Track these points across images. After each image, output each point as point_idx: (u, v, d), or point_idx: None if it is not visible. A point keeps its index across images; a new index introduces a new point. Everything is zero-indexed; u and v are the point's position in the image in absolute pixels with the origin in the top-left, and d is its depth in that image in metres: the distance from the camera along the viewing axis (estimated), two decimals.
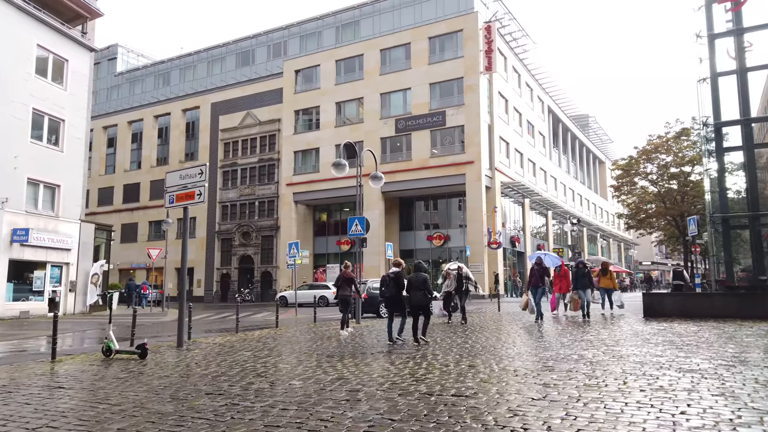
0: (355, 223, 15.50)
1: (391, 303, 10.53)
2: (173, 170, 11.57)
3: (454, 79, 36.64)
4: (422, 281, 10.11)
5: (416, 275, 10.24)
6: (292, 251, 21.98)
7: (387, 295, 10.38)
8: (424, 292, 10.05)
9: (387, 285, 10.36)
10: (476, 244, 34.51)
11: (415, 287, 10.07)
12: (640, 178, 36.21)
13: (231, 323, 19.40)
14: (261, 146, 45.93)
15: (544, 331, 11.74)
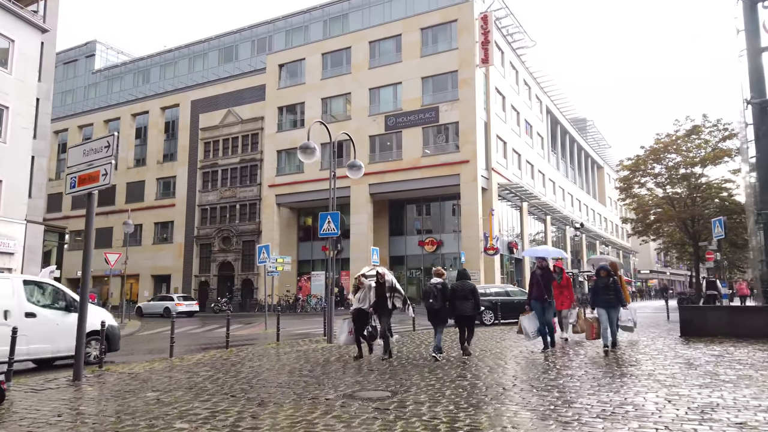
0: (327, 220, 12.80)
1: (437, 315, 9.80)
2: (76, 145, 8.82)
3: (447, 73, 34.08)
4: (470, 290, 9.66)
5: (462, 283, 9.77)
6: (262, 255, 19.19)
7: (436, 307, 9.62)
8: (472, 301, 9.59)
9: (434, 296, 9.63)
10: (471, 250, 31.82)
11: (461, 297, 9.58)
12: (648, 179, 33.64)
13: (188, 339, 16.60)
14: (243, 146, 43.17)
15: (559, 364, 8.98)
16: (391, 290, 10.17)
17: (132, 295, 48.30)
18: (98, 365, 9.22)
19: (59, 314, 10.28)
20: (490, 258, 32.71)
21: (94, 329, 10.29)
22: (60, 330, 9.94)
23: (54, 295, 10.67)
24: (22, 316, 9.58)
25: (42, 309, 10.11)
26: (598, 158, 68.83)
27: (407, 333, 15.24)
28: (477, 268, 31.64)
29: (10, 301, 9.61)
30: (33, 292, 10.28)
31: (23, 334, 9.04)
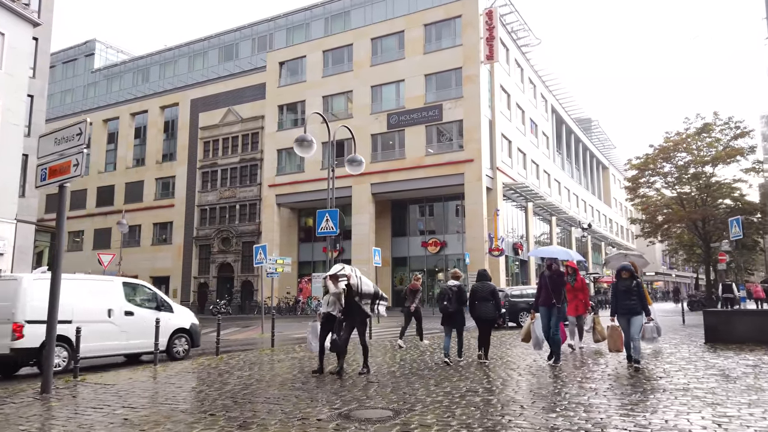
0: (325, 218, 11.99)
1: (452, 318, 9.47)
2: (47, 133, 8.05)
3: (451, 70, 33.28)
4: (490, 291, 9.26)
5: (482, 284, 9.36)
6: (259, 256, 18.39)
7: (451, 310, 9.33)
8: (493, 302, 9.21)
9: (449, 298, 9.33)
10: (476, 251, 30.98)
11: (482, 298, 9.20)
12: (658, 179, 32.76)
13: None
14: (243, 145, 42.44)
15: (579, 376, 8.12)
16: (361, 296, 8.25)
17: None
18: (73, 376, 8.42)
19: (152, 313, 11.16)
20: (494, 259, 31.89)
21: (182, 327, 11.75)
22: (152, 327, 10.38)
23: (147, 296, 11.75)
24: (122, 315, 10.70)
25: (138, 308, 11.17)
26: (604, 159, 67.94)
27: (409, 338, 14.42)
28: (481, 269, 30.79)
29: (112, 300, 10.70)
30: (130, 293, 11.33)
31: (123, 331, 10.52)
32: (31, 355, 9.41)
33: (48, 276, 11.02)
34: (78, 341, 8.50)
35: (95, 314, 10.19)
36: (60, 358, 9.57)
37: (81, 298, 10.23)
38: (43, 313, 8.00)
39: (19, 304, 9.41)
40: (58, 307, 7.50)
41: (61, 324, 8.65)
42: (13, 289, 9.65)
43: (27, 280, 9.89)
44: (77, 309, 9.96)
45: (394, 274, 36.60)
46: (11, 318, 9.27)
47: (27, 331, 9.28)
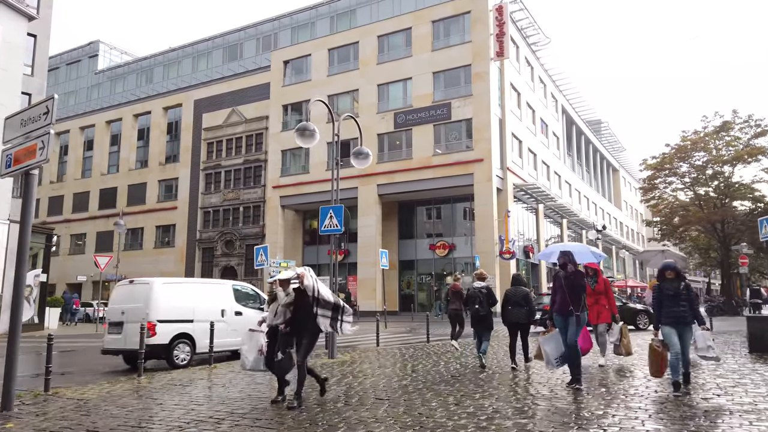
0: (329, 215, 11.05)
1: (483, 322, 9.21)
2: (13, 114, 7.16)
3: (460, 67, 32.32)
4: (523, 296, 9.02)
5: (516, 289, 9.11)
6: (260, 258, 17.46)
7: (482, 313, 9.11)
8: (527, 308, 8.95)
9: (479, 301, 9.09)
10: (486, 254, 29.92)
11: (515, 303, 8.93)
12: (675, 179, 31.62)
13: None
14: (247, 146, 41.63)
15: (620, 394, 7.04)
16: (318, 303, 6.30)
17: None
18: (44, 389, 7.50)
19: (256, 313, 11.70)
20: (505, 262, 30.82)
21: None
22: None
23: (252, 297, 12.69)
24: (233, 314, 11.62)
25: (245, 308, 12.06)
26: (614, 161, 66.73)
27: (421, 346, 13.41)
28: (492, 273, 29.72)
29: (224, 302, 11.75)
30: (238, 295, 12.29)
31: (234, 329, 11.16)
32: (161, 350, 10.58)
33: (175, 281, 13.41)
34: (212, 336, 10.19)
35: (211, 314, 11.11)
36: (184, 353, 10.83)
37: (200, 300, 11.44)
38: (170, 313, 10.66)
39: (151, 306, 10.62)
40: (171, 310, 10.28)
41: (185, 323, 10.91)
42: (145, 293, 10.86)
43: (157, 284, 11.21)
44: (197, 310, 11.16)
45: (401, 278, 35.60)
46: (145, 318, 10.29)
47: (158, 329, 10.48)
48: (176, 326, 10.78)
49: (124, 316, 10.76)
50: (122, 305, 10.97)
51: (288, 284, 6.56)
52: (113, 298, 11.58)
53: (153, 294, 10.76)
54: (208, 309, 11.22)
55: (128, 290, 11.34)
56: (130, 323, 10.52)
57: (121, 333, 10.67)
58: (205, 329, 10.56)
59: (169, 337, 10.55)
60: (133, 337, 9.97)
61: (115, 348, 10.85)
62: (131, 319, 10.52)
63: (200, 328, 10.83)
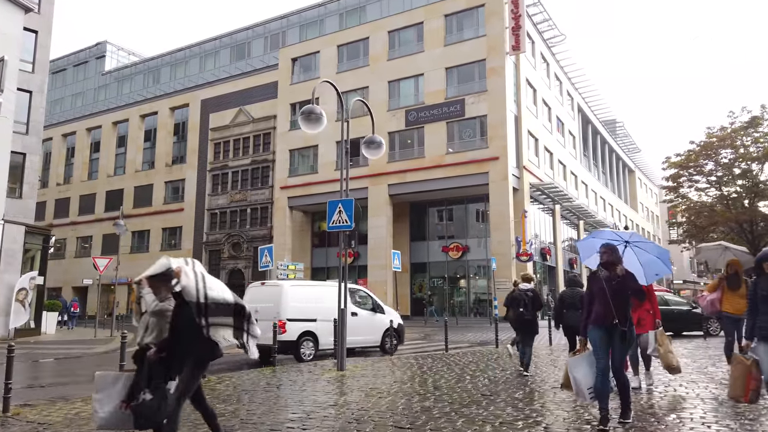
0: (337, 210, 9.91)
1: (528, 327, 8.81)
2: None
3: (474, 62, 31.15)
4: (581, 298, 7.76)
5: (572, 291, 8.63)
6: (264, 259, 16.33)
7: (528, 317, 8.68)
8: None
9: (524, 304, 8.64)
10: (502, 256, 28.63)
11: (572, 305, 8.33)
12: (701, 178, 30.18)
13: None
14: (254, 146, 40.68)
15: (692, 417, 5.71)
16: (202, 308, 4.10)
17: None
18: (2, 410, 6.40)
19: (369, 314, 13.21)
20: (522, 265, 29.52)
21: (392, 326, 13.00)
22: (370, 326, 12.98)
23: (365, 299, 13.64)
24: (350, 315, 11.63)
25: (360, 309, 13.03)
26: (630, 162, 65.13)
27: (439, 355, 12.21)
28: (508, 276, 28.44)
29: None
30: (354, 297, 13.08)
31: (351, 328, 11.27)
32: (290, 346, 11.60)
33: (300, 283, 14.31)
34: (343, 334, 10.08)
35: (331, 314, 11.35)
36: (309, 349, 11.89)
37: (321, 301, 12.28)
38: (298, 313, 11.77)
39: (281, 306, 11.73)
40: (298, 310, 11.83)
41: (309, 322, 11.96)
42: (276, 294, 12.09)
43: (286, 286, 12.58)
44: (319, 310, 12.00)
45: (413, 281, 34.39)
46: (276, 316, 11.31)
47: (288, 327, 11.53)
48: (302, 325, 11.85)
49: (257, 314, 10.62)
50: (256, 304, 11.58)
51: (163, 284, 4.34)
52: (247, 298, 12.32)
53: (282, 295, 11.98)
54: (328, 309, 11.68)
55: (260, 291, 12.65)
56: (263, 321, 11.27)
57: None
58: (326, 328, 11.56)
59: (296, 334, 11.67)
60: (266, 333, 10.87)
61: None
62: (264, 317, 11.14)
63: (322, 326, 11.81)
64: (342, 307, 9.73)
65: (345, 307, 9.71)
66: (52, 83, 60.63)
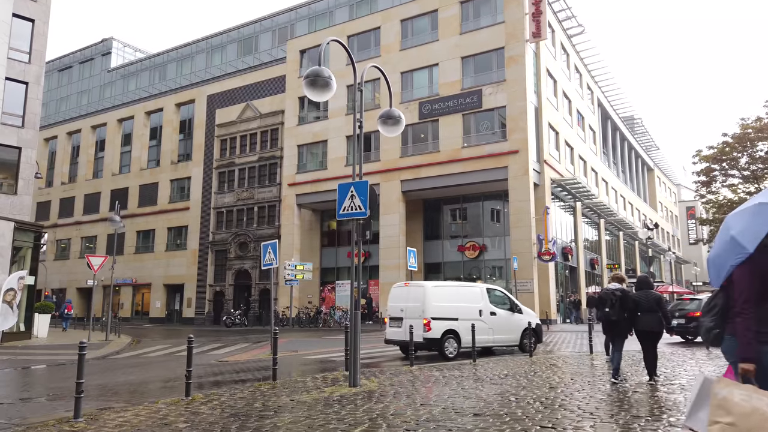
0: (350, 194, 8.37)
1: (616, 329, 8.34)
2: None
3: (492, 50, 29.50)
4: (655, 300, 8.06)
5: (645, 293, 8.16)
6: (267, 256, 14.82)
7: (614, 318, 8.18)
8: (659, 314, 7.98)
9: (611, 304, 8.16)
10: (522, 256, 26.93)
11: (646, 308, 8.01)
12: (735, 172, 28.29)
13: (160, 369, 12.05)
14: (262, 142, 39.26)
15: None
16: None
17: (144, 306, 44.75)
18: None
19: (508, 313, 13.53)
20: (543, 265, 27.82)
21: (530, 326, 12.97)
22: (509, 325, 13.33)
23: (503, 299, 13.85)
24: (489, 314, 12.90)
25: (498, 309, 13.36)
26: (649, 159, 63.06)
27: (466, 366, 10.59)
28: (530, 276, 26.78)
29: (480, 303, 13.04)
30: (492, 297, 13.46)
31: (490, 327, 12.72)
32: (435, 343, 12.29)
33: (442, 284, 14.79)
34: (474, 334, 11.38)
35: (471, 314, 12.49)
36: (452, 347, 12.34)
37: (461, 301, 12.91)
38: (441, 312, 12.29)
39: (426, 305, 12.37)
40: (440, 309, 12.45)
41: (451, 321, 12.38)
42: (420, 294, 12.71)
43: (429, 286, 13.10)
44: (460, 310, 12.58)
45: None
46: (421, 315, 12.23)
47: (432, 325, 12.21)
48: (445, 323, 12.34)
49: (403, 312, 12.68)
50: (401, 304, 12.86)
51: None
52: (392, 297, 13.46)
53: (426, 295, 12.55)
54: (469, 309, 12.63)
55: (405, 291, 13.24)
56: (408, 319, 12.26)
57: (401, 327, 12.43)
58: (467, 327, 11.91)
59: (440, 332, 12.24)
60: (413, 331, 11.46)
61: (396, 339, 12.79)
62: (409, 315, 12.36)
63: (463, 325, 12.20)
64: (355, 310, 8.15)
65: (358, 310, 8.14)
66: (57, 81, 59.86)
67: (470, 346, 11.73)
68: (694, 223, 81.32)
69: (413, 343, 10.89)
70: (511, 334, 13.36)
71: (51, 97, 59.52)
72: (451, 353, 12.18)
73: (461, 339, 12.29)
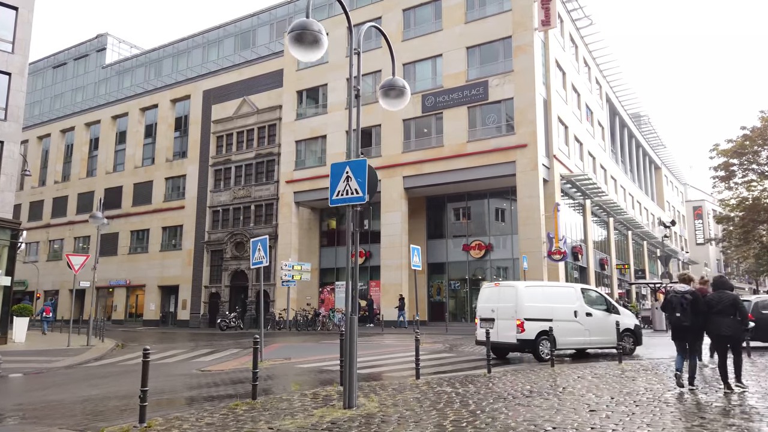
0: (345, 175, 7.01)
1: (684, 333, 7.74)
2: None
3: (498, 40, 28.12)
4: (731, 302, 7.36)
5: (720, 294, 7.50)
6: (257, 254, 13.45)
7: (686, 324, 7.59)
8: (734, 317, 7.36)
9: (682, 308, 7.56)
10: (531, 255, 25.52)
11: (720, 311, 7.41)
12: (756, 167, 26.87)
13: (134, 379, 10.53)
14: (259, 138, 37.91)
15: None
16: None
17: (138, 308, 43.37)
18: None
19: (604, 314, 13.02)
20: (553, 265, 26.40)
21: (628, 327, 13.18)
22: (605, 327, 12.71)
23: (598, 299, 13.46)
24: (584, 315, 12.68)
25: (594, 310, 12.95)
26: (656, 158, 61.59)
27: (480, 378, 9.20)
28: (539, 276, 25.36)
29: (575, 303, 12.80)
30: (586, 297, 13.10)
31: (586, 329, 12.70)
32: (529, 344, 12.03)
33: (534, 283, 14.36)
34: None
35: (565, 315, 12.32)
36: (547, 349, 11.74)
37: (555, 301, 12.58)
38: (534, 312, 12.16)
39: (519, 306, 12.14)
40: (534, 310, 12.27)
41: (545, 322, 11.93)
42: (512, 294, 12.49)
43: (521, 287, 12.86)
44: (554, 310, 12.25)
45: (429, 283, 31.39)
46: (514, 316, 12.05)
47: (526, 326, 11.92)
48: (539, 324, 11.96)
49: (494, 313, 12.55)
50: (492, 304, 12.68)
51: None
52: (482, 298, 13.28)
53: (519, 295, 12.34)
54: (563, 309, 12.36)
55: (496, 291, 13.16)
56: (500, 320, 12.30)
57: (493, 328, 12.14)
58: (561, 328, 11.85)
59: (534, 333, 11.95)
60: (504, 331, 11.89)
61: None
62: (501, 316, 12.30)
63: (557, 326, 11.82)
64: (350, 313, 6.76)
65: (354, 312, 6.76)
66: (52, 78, 58.60)
67: (565, 347, 12.06)
68: (701, 224, 79.96)
69: (505, 344, 11.33)
70: (607, 336, 12.75)
71: (45, 95, 58.27)
72: (546, 355, 11.78)
73: (557, 341, 11.80)
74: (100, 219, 19.83)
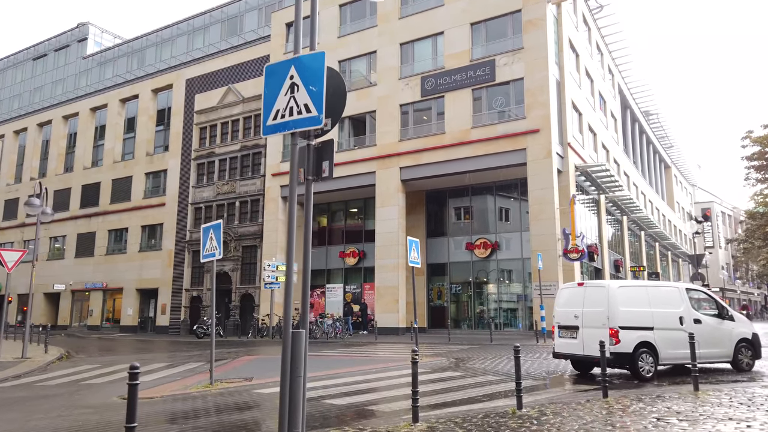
0: (289, 81, 4.02)
1: None
2: None
3: (506, 14, 25.26)
4: None
5: None
6: (209, 243, 10.51)
7: None
8: None
9: None
10: (546, 253, 22.55)
11: None
12: None
13: (37, 406, 7.52)
14: (244, 129, 34.98)
15: None
16: None
17: (116, 313, 40.29)
18: None
19: (715, 321, 10.87)
20: (568, 265, 23.42)
21: (745, 337, 10.98)
22: (717, 336, 10.65)
23: (707, 302, 11.35)
24: (692, 323, 10.40)
25: (703, 315, 10.79)
26: (667, 156, 58.77)
27: (509, 422, 6.22)
28: (554, 277, 22.40)
29: (680, 308, 10.58)
30: (693, 300, 10.95)
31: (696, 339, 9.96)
32: (625, 359, 9.85)
33: (630, 283, 11.74)
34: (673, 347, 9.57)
35: (669, 322, 10.30)
36: (648, 364, 9.90)
37: (656, 305, 10.45)
38: (631, 319, 10.07)
39: (611, 311, 10.11)
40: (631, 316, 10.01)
41: (645, 331, 10.11)
42: (602, 296, 10.40)
43: (613, 287, 10.50)
44: (655, 316, 10.27)
45: (429, 286, 28.39)
46: (606, 323, 10.03)
47: (621, 336, 9.87)
48: (638, 334, 10.04)
49: (578, 320, 10.58)
50: (575, 309, 10.70)
51: None
52: (561, 301, 11.21)
53: (611, 298, 10.30)
54: (666, 315, 10.42)
55: (579, 292, 10.96)
56: (587, 328, 10.32)
57: (576, 338, 10.45)
58: (666, 338, 10.09)
59: (632, 345, 9.90)
60: (592, 342, 9.69)
61: (569, 353, 10.59)
62: (588, 323, 10.32)
63: (661, 336, 10.11)
64: (295, 328, 3.85)
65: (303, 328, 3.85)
66: (32, 71, 55.69)
67: (668, 362, 10.13)
68: (710, 226, 77.18)
69: (590, 358, 9.56)
70: (720, 348, 10.68)
71: (24, 88, 55.39)
72: (647, 372, 9.82)
73: (659, 354, 9.98)
74: (38, 207, 16.77)
